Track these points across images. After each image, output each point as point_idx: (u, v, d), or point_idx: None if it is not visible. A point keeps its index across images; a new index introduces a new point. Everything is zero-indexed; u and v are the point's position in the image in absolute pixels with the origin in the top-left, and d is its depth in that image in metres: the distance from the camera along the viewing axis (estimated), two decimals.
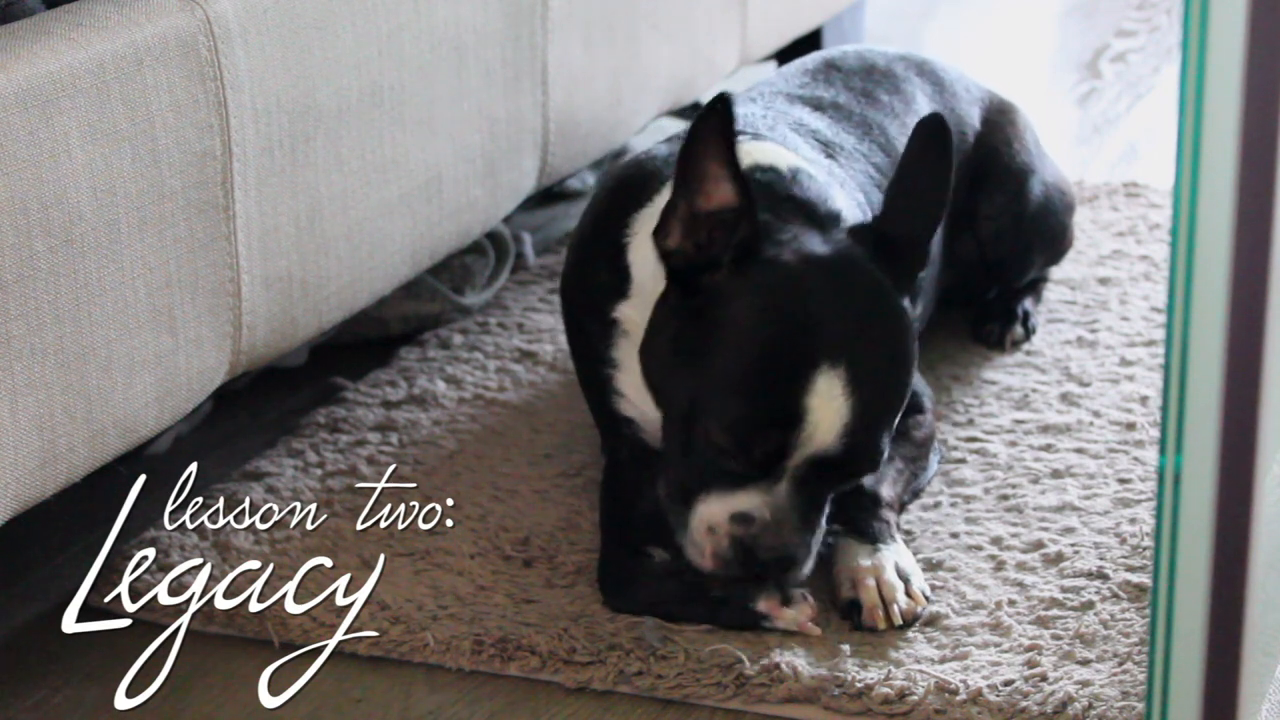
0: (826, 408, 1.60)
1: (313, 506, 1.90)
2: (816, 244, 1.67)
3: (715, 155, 1.61)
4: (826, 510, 1.67)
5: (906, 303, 1.69)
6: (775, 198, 1.72)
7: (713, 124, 1.60)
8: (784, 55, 2.90)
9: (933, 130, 1.68)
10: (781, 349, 1.61)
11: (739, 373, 1.62)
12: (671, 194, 1.65)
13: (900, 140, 2.06)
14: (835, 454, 1.61)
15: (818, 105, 2.04)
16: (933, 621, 1.70)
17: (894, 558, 1.73)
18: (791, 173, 1.76)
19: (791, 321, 1.62)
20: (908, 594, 1.70)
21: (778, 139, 1.87)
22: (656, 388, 1.71)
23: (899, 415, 1.68)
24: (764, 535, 1.62)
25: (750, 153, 1.76)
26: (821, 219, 1.72)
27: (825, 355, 1.60)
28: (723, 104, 1.59)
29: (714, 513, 1.63)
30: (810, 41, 2.90)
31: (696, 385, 1.63)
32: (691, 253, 1.65)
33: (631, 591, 1.72)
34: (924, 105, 2.15)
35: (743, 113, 1.93)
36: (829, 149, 1.96)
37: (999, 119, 2.23)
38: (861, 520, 1.76)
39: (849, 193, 1.91)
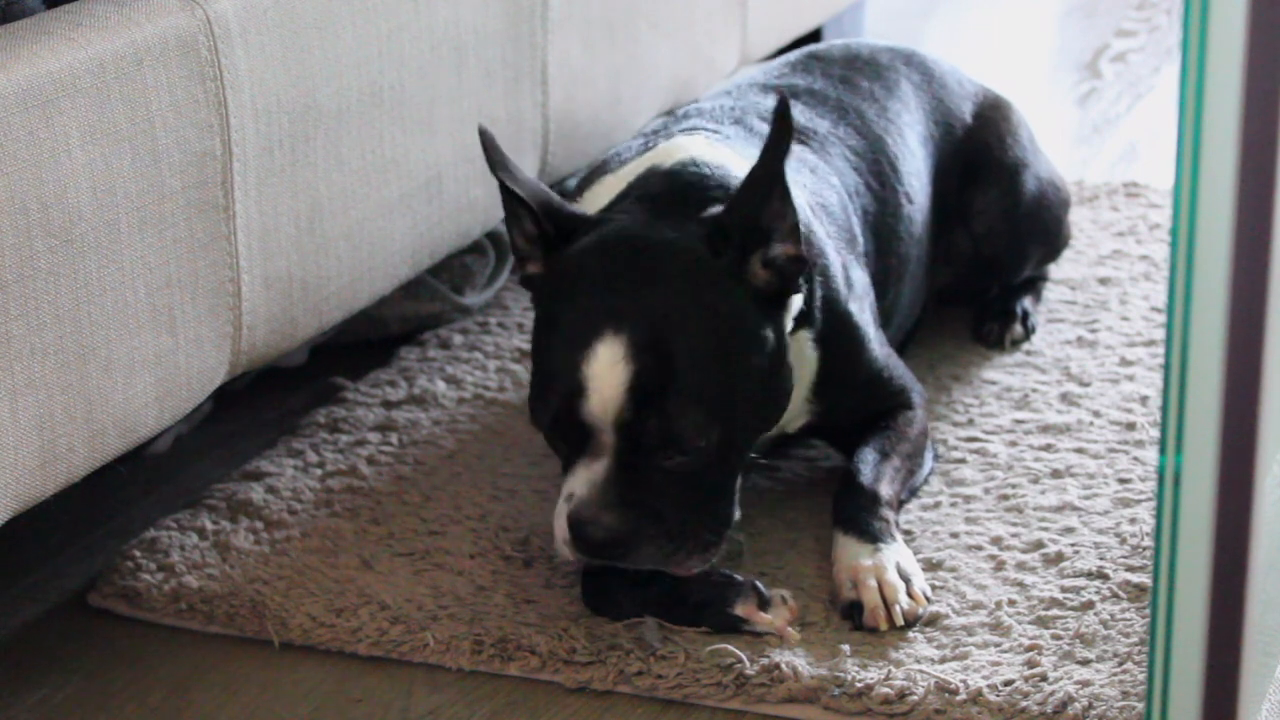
0: (608, 374, 1.60)
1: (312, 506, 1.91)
2: (634, 229, 1.69)
3: (505, 195, 1.72)
4: (673, 494, 1.63)
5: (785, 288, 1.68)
6: (649, 191, 1.76)
7: (489, 161, 1.72)
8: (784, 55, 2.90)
9: (775, 110, 1.64)
10: (566, 324, 1.65)
11: (536, 353, 1.70)
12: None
13: (878, 125, 2.07)
14: (640, 424, 1.60)
15: (791, 93, 2.05)
16: (933, 621, 1.70)
17: (895, 557, 1.73)
18: (682, 165, 1.78)
19: (575, 299, 1.66)
20: (909, 594, 1.70)
21: (726, 133, 1.90)
22: None
23: (730, 387, 1.64)
24: (584, 513, 1.62)
25: (661, 150, 1.83)
26: (686, 207, 1.72)
27: (606, 325, 1.61)
28: (485, 136, 1.72)
29: (562, 493, 1.65)
30: (811, 41, 2.91)
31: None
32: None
33: (613, 600, 1.71)
34: (909, 93, 2.16)
35: (711, 105, 1.99)
36: (802, 134, 1.98)
37: (991, 114, 2.23)
38: (862, 519, 1.76)
39: (820, 176, 1.92)
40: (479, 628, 1.71)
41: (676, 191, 1.75)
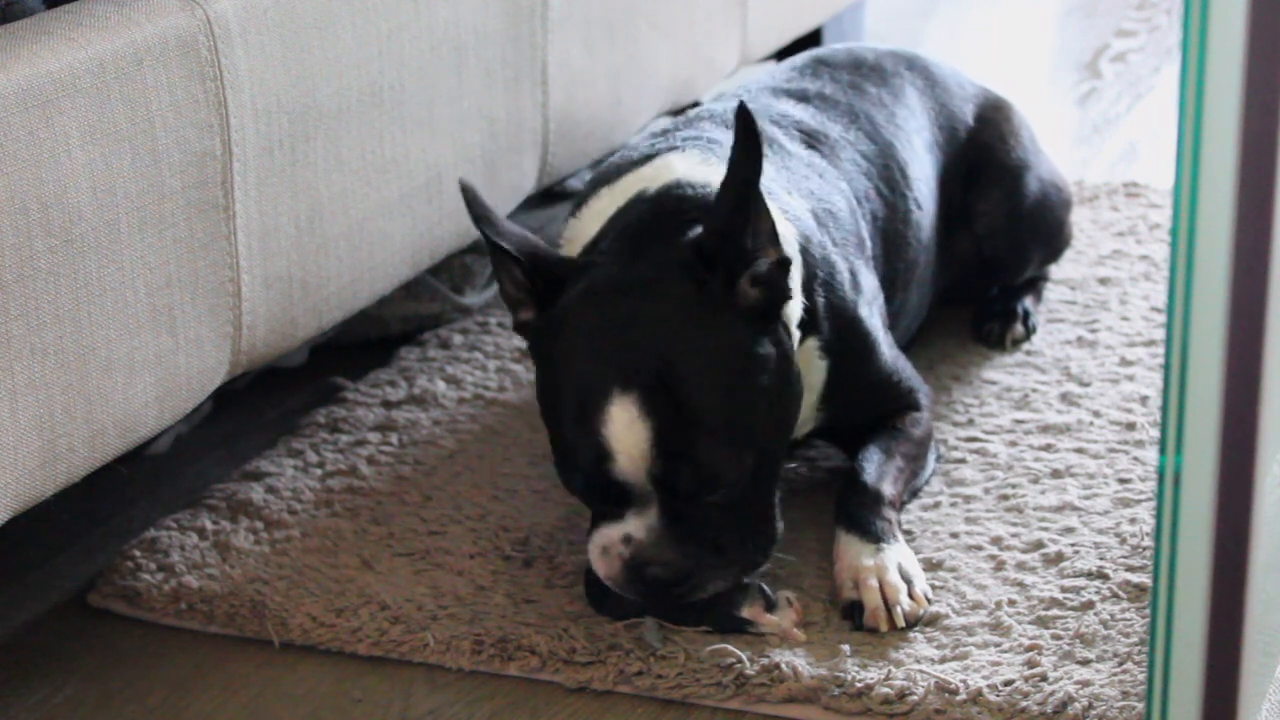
0: (628, 435, 1.60)
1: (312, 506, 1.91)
2: (619, 275, 1.68)
3: (491, 248, 1.71)
4: (722, 523, 1.64)
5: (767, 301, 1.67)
6: (632, 222, 1.75)
7: (472, 215, 1.71)
8: (784, 55, 2.90)
9: (737, 120, 1.63)
10: (571, 386, 1.64)
11: (547, 416, 1.69)
12: None
13: (888, 130, 2.07)
14: (675, 473, 1.61)
15: (803, 97, 2.05)
16: (933, 621, 1.70)
17: (897, 558, 1.73)
18: (667, 189, 1.77)
19: (573, 357, 1.65)
20: (910, 596, 1.70)
21: (728, 142, 1.87)
22: None
23: (748, 414, 1.64)
24: (645, 554, 1.63)
25: (649, 171, 1.81)
26: (669, 236, 1.71)
27: (613, 384, 1.60)
28: (467, 191, 1.71)
29: (604, 536, 1.65)
30: (810, 41, 2.91)
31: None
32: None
33: (616, 600, 1.71)
34: (914, 98, 2.16)
35: (723, 108, 1.98)
36: (813, 138, 1.98)
37: (993, 116, 2.23)
38: (864, 518, 1.76)
39: (829, 181, 1.92)
40: (479, 628, 1.71)
41: (660, 220, 1.74)
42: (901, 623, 1.68)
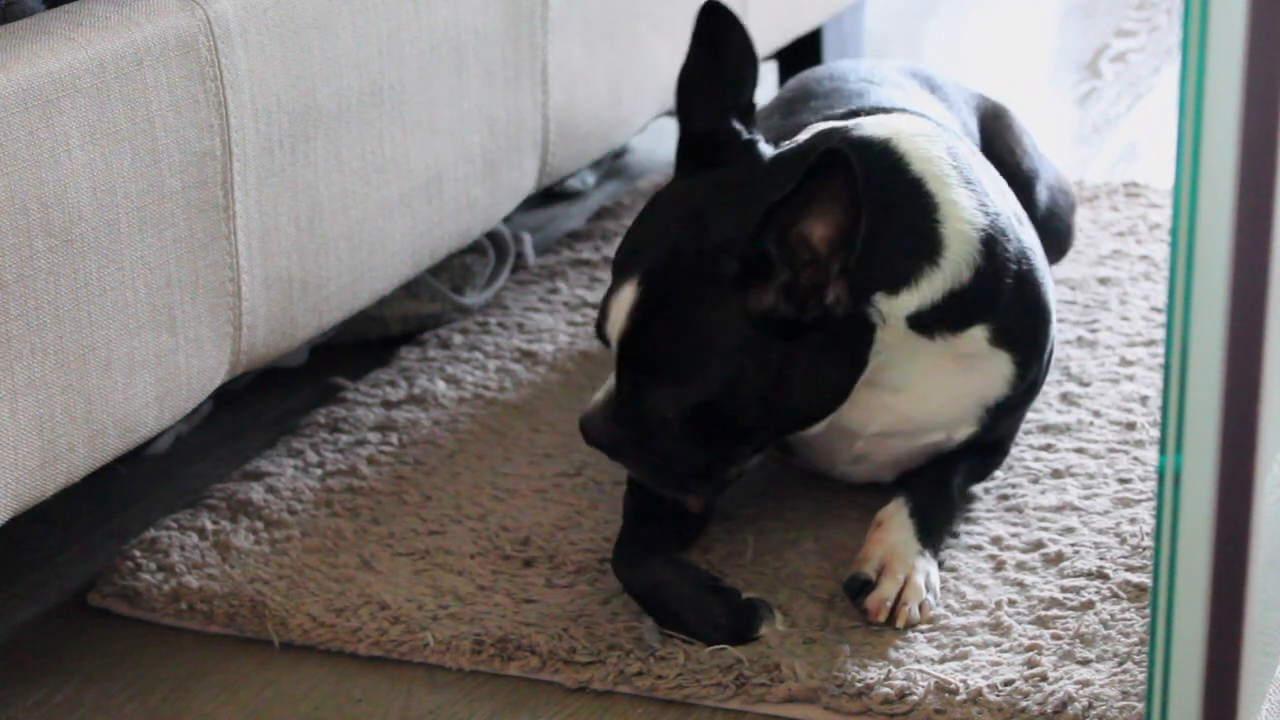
0: (618, 316, 1.68)
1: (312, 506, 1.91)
2: (706, 191, 1.72)
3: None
4: (664, 436, 1.68)
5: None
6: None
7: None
8: (784, 55, 2.90)
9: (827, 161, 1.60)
10: (629, 232, 1.75)
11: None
12: None
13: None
14: (626, 375, 1.68)
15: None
16: (933, 621, 1.70)
17: (929, 568, 1.73)
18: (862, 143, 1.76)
19: (644, 217, 1.75)
20: (920, 606, 1.70)
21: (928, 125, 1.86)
22: None
23: (700, 388, 1.65)
24: (587, 414, 1.72)
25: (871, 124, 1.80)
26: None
27: (634, 270, 1.68)
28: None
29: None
30: (810, 41, 2.90)
31: None
32: None
33: (645, 570, 1.71)
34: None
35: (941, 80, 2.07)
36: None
37: (995, 125, 2.21)
38: (933, 518, 1.76)
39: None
40: (479, 628, 1.71)
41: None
42: (900, 624, 1.68)
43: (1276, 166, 1.13)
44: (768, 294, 1.63)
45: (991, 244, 1.74)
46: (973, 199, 1.75)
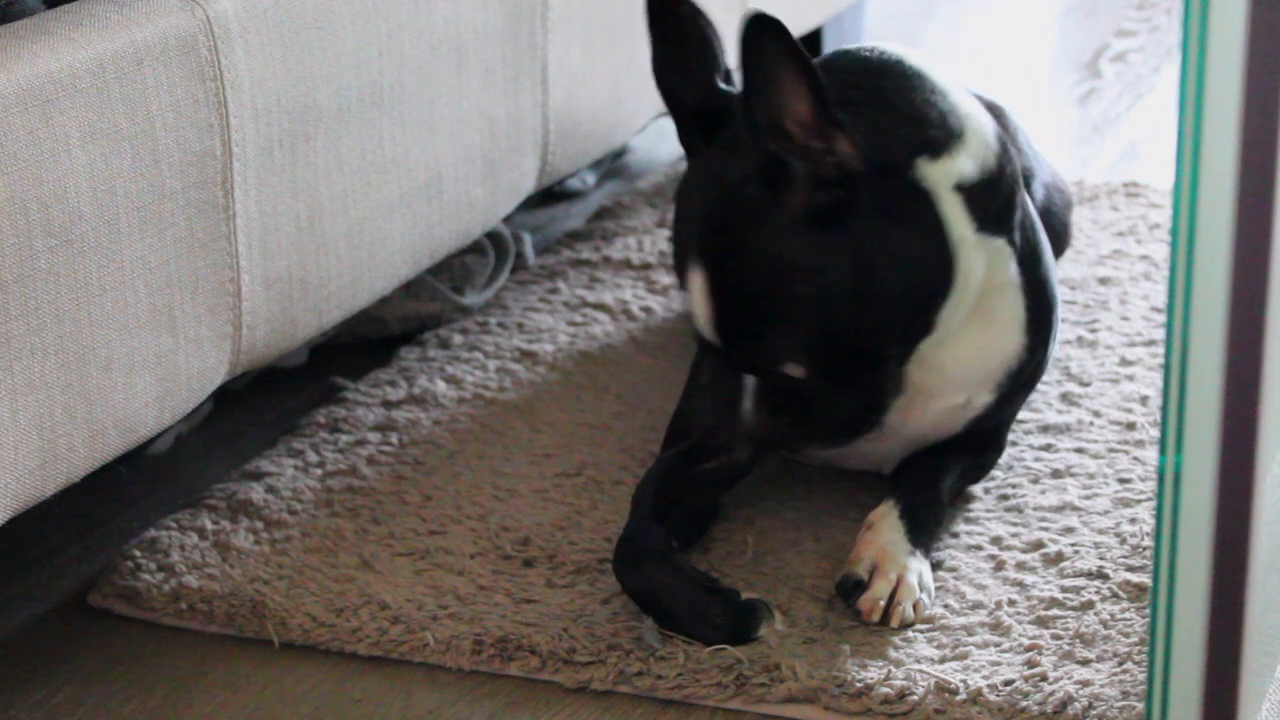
0: (702, 307, 1.68)
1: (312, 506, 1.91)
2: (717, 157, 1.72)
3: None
4: (756, 389, 1.69)
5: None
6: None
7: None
8: None
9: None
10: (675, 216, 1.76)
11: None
12: None
13: None
14: (736, 353, 1.69)
15: None
16: (931, 621, 1.70)
17: (922, 568, 1.73)
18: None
19: (682, 194, 1.75)
20: (913, 605, 1.70)
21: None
22: None
23: (784, 318, 1.66)
24: (747, 424, 1.71)
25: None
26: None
27: (692, 254, 1.69)
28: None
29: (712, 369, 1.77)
30: (810, 41, 2.90)
31: None
32: None
33: (644, 571, 1.71)
34: None
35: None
36: None
37: None
38: (923, 518, 1.76)
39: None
40: (479, 628, 1.71)
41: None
42: (894, 623, 1.68)
43: (1276, 166, 1.13)
44: (796, 191, 1.63)
45: (1004, 153, 1.76)
46: (985, 115, 1.77)
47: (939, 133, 1.71)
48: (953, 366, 1.78)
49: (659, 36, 1.76)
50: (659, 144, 2.90)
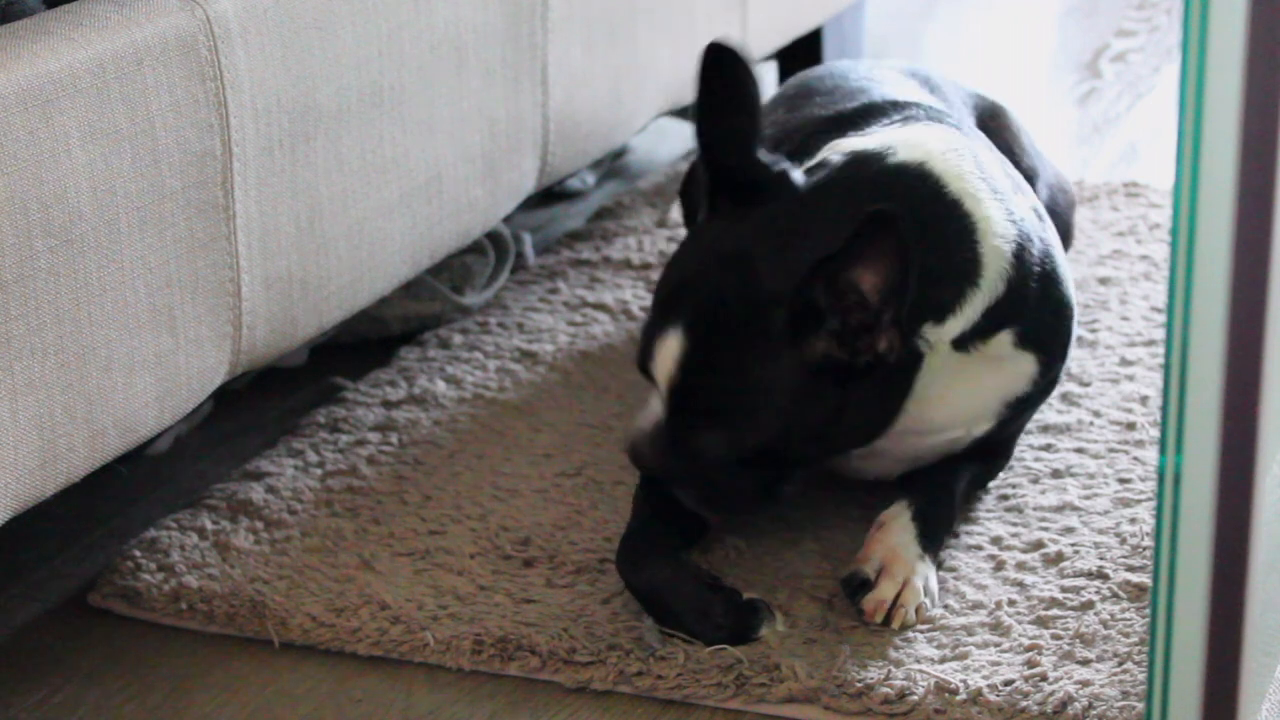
0: (666, 364, 1.67)
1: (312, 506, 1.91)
2: (750, 237, 1.70)
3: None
4: (710, 468, 1.69)
5: None
6: (845, 179, 1.75)
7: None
8: (783, 55, 2.90)
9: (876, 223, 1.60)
10: (664, 278, 1.74)
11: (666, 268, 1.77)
12: None
13: None
14: (676, 417, 1.68)
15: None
16: (932, 622, 1.70)
17: (929, 572, 1.73)
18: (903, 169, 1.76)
19: (679, 258, 1.75)
20: (916, 609, 1.70)
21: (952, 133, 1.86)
22: None
23: (753, 430, 1.66)
24: (636, 440, 1.72)
25: (896, 139, 1.80)
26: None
27: (676, 319, 1.67)
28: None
29: (644, 412, 1.75)
30: (810, 42, 2.90)
31: None
32: None
33: (647, 569, 1.71)
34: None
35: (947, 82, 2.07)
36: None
37: (993, 124, 2.21)
38: (934, 523, 1.76)
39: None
40: (479, 628, 1.71)
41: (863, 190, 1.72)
42: (896, 625, 1.68)
43: (1276, 166, 1.13)
44: (819, 342, 1.63)
45: (1020, 253, 1.75)
46: (1001, 210, 1.75)
47: (954, 292, 1.71)
48: (942, 414, 1.78)
49: (708, 88, 1.72)
50: (659, 144, 2.90)
